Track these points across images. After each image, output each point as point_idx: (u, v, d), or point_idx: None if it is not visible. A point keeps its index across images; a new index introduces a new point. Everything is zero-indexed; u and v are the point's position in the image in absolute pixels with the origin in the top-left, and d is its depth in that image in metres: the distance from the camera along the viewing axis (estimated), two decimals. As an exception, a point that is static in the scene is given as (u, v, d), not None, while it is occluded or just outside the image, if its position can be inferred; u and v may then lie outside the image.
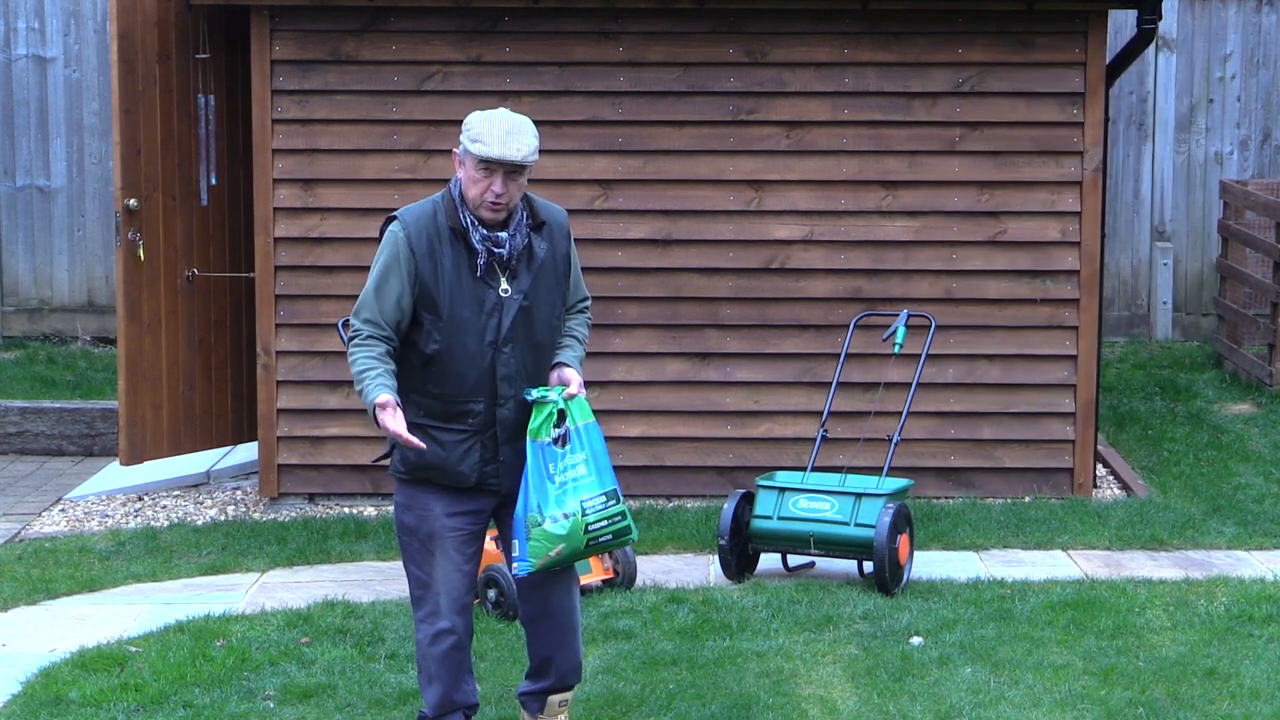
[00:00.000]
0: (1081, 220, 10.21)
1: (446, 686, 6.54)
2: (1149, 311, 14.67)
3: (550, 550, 6.35)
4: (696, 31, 10.16)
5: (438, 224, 6.36)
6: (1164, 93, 14.55)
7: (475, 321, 6.36)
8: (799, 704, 7.21)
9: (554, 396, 6.39)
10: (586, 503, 6.38)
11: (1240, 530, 9.64)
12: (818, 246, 10.27)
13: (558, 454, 6.37)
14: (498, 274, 6.39)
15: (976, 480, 10.38)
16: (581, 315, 6.69)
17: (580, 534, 6.37)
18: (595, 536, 6.41)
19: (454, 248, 6.35)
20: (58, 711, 7.21)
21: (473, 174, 6.32)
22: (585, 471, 6.39)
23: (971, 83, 10.17)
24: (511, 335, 6.39)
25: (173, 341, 10.43)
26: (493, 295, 6.37)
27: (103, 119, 14.08)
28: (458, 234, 6.36)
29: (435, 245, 6.34)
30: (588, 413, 6.45)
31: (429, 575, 6.47)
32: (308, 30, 10.16)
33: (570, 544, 6.37)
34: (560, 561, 6.42)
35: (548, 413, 6.37)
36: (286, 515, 10.25)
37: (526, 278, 6.42)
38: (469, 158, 6.31)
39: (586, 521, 6.37)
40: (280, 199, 10.24)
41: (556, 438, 6.37)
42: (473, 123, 6.33)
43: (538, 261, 6.44)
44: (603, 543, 6.45)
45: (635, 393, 10.31)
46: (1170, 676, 7.44)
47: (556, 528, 6.34)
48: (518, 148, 6.27)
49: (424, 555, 6.48)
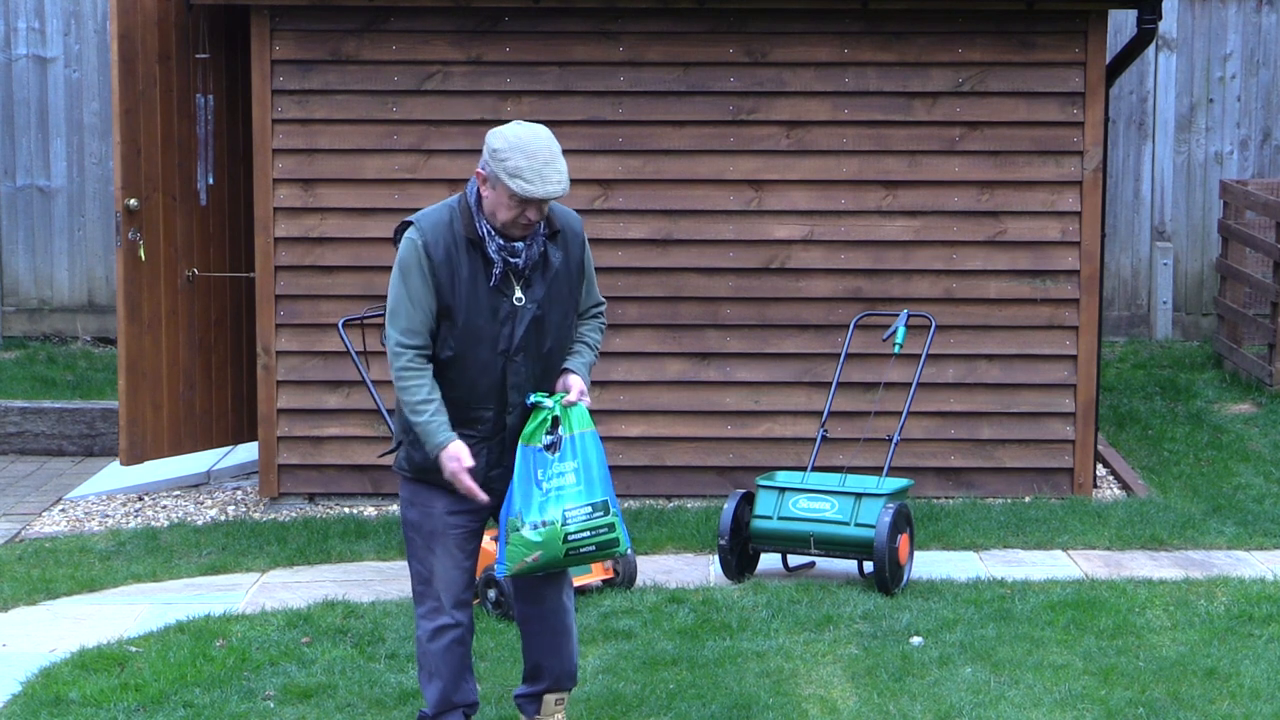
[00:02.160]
0: (1081, 220, 10.21)
1: (447, 683, 6.55)
2: (1149, 311, 14.67)
3: (526, 556, 6.34)
4: (696, 31, 10.16)
5: (454, 232, 6.31)
6: (1164, 93, 14.55)
7: (489, 330, 6.34)
8: (799, 704, 7.22)
9: (550, 403, 6.37)
10: (569, 512, 6.35)
11: (1240, 530, 9.64)
12: (818, 246, 10.27)
13: (548, 460, 6.35)
14: (512, 283, 6.36)
15: (976, 480, 10.38)
16: (594, 320, 6.65)
17: (558, 543, 6.34)
18: (575, 547, 6.38)
19: (470, 256, 6.31)
20: (58, 711, 7.21)
21: (505, 200, 6.23)
22: (574, 481, 6.37)
23: (971, 83, 10.17)
24: (524, 344, 6.37)
25: (173, 341, 10.43)
26: (506, 304, 6.35)
27: (103, 119, 14.09)
28: (474, 243, 6.32)
29: (452, 253, 6.30)
30: (586, 421, 6.42)
31: (430, 571, 6.49)
32: (308, 30, 10.16)
33: (548, 552, 6.35)
34: (539, 568, 6.41)
35: (542, 418, 6.36)
36: (286, 515, 10.25)
37: (540, 287, 6.39)
38: (501, 186, 6.21)
39: (566, 531, 6.34)
40: (280, 199, 10.24)
41: (548, 444, 6.36)
42: (506, 153, 6.20)
43: (553, 270, 6.41)
44: (585, 553, 6.42)
45: (635, 393, 10.31)
46: (1170, 676, 7.44)
47: (533, 535, 6.32)
48: (557, 180, 6.22)
49: (425, 551, 6.49)
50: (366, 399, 9.88)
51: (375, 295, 9.99)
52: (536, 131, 6.26)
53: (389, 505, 10.34)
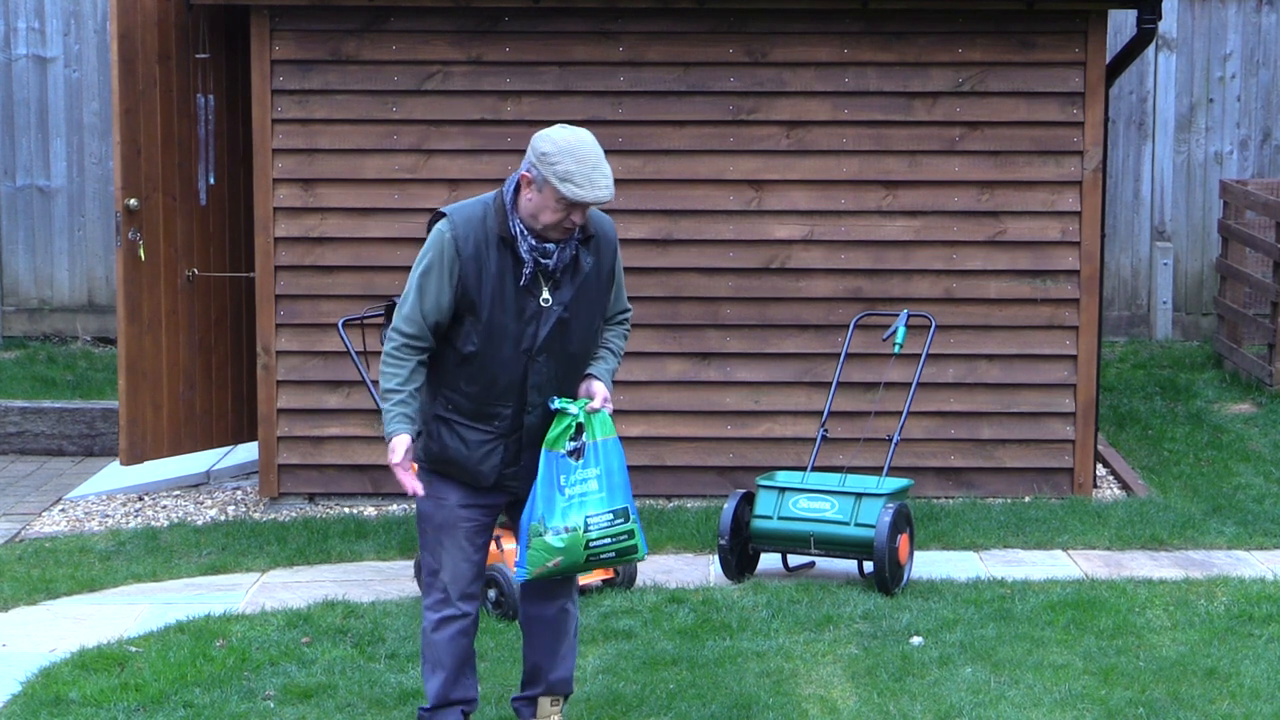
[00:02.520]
0: (1081, 220, 10.21)
1: (449, 674, 6.58)
2: (1149, 311, 14.67)
3: (548, 561, 6.38)
4: (696, 31, 10.16)
5: (486, 228, 6.32)
6: (1164, 93, 14.55)
7: (513, 328, 6.35)
8: (799, 704, 7.22)
9: (574, 409, 6.39)
10: (591, 519, 6.39)
11: (1240, 530, 9.64)
12: (818, 246, 10.27)
13: (571, 466, 6.37)
14: (540, 283, 6.36)
15: (976, 480, 10.38)
16: (620, 327, 6.66)
17: (580, 549, 6.38)
18: (596, 553, 6.42)
19: (500, 254, 6.32)
20: (58, 711, 7.21)
21: (551, 204, 6.23)
22: (596, 487, 6.40)
23: (971, 83, 10.17)
24: (547, 345, 6.38)
25: (173, 341, 10.43)
26: (533, 304, 6.35)
27: (103, 119, 14.08)
28: (505, 241, 6.33)
29: (483, 249, 6.31)
30: (609, 428, 6.44)
31: (439, 562, 6.53)
32: (308, 30, 10.16)
33: (569, 558, 6.39)
34: (559, 572, 6.45)
35: (566, 424, 6.38)
36: (286, 515, 10.25)
37: (569, 289, 6.39)
38: (549, 189, 6.21)
39: (588, 538, 6.38)
40: (280, 199, 10.24)
41: (572, 450, 6.37)
42: (556, 156, 6.20)
43: (582, 274, 6.41)
44: (605, 559, 6.46)
45: (635, 393, 10.31)
46: (1170, 676, 7.44)
47: (555, 540, 6.35)
48: (605, 184, 6.21)
49: (436, 543, 6.53)
50: (366, 399, 9.88)
51: (375, 295, 10.00)
52: (582, 136, 6.26)
53: (389, 505, 10.34)
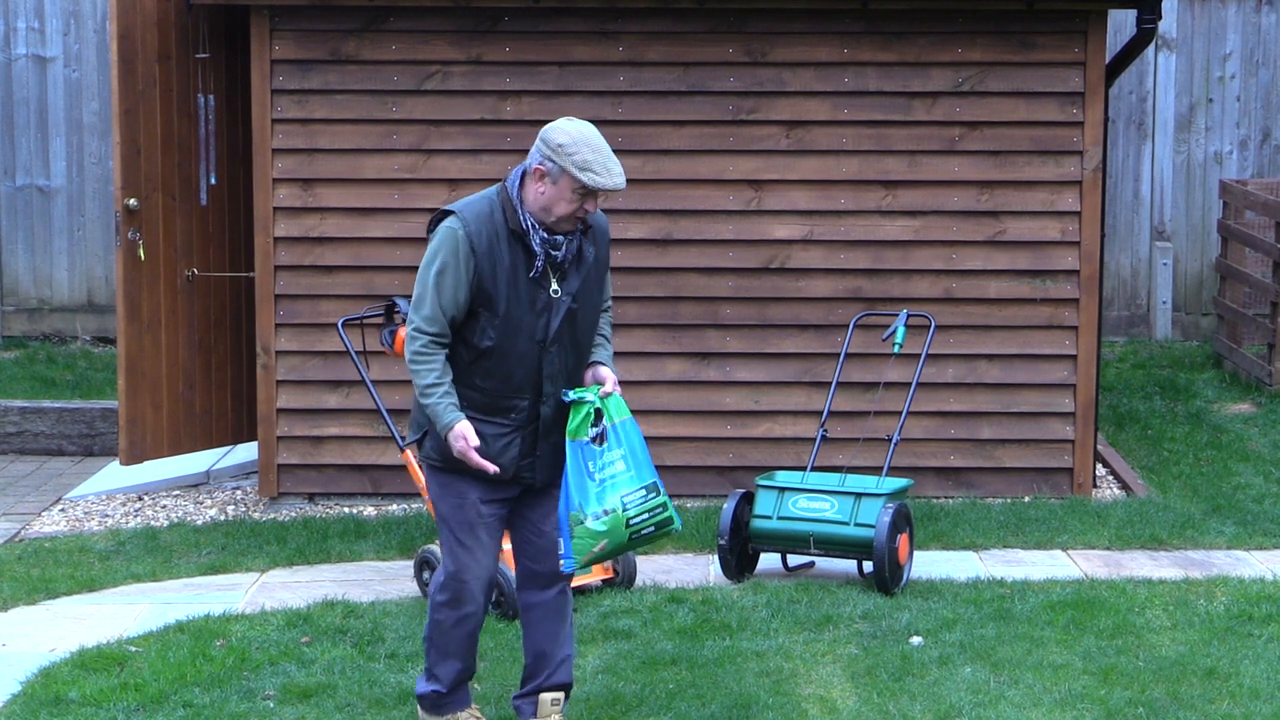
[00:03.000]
0: (1081, 220, 10.21)
1: (465, 663, 6.74)
2: (1149, 311, 14.67)
3: (594, 546, 6.51)
4: (696, 31, 10.16)
5: (495, 223, 6.41)
6: (1164, 92, 14.55)
7: (528, 321, 6.45)
8: (799, 704, 7.22)
9: (590, 396, 6.53)
10: (626, 498, 6.52)
11: (1240, 530, 9.64)
12: (818, 246, 10.27)
13: (596, 452, 6.51)
14: (550, 275, 6.46)
15: (976, 480, 10.38)
16: (605, 315, 6.79)
17: (622, 528, 6.51)
18: (638, 530, 6.55)
19: (512, 248, 6.41)
20: (58, 711, 7.21)
21: (567, 194, 6.34)
22: (624, 467, 6.54)
23: (971, 82, 10.17)
24: (559, 335, 6.49)
25: (173, 341, 10.43)
26: (544, 296, 6.46)
27: (103, 119, 14.08)
28: (516, 235, 6.41)
29: (495, 244, 6.39)
30: (624, 409, 6.59)
31: (464, 560, 6.60)
32: (308, 30, 10.16)
33: (613, 539, 6.52)
34: (605, 556, 6.59)
35: (585, 412, 6.51)
36: (286, 515, 10.25)
37: (575, 280, 6.51)
38: (566, 179, 6.31)
39: (627, 516, 6.51)
40: (280, 199, 10.24)
41: (594, 436, 6.51)
42: (573, 147, 6.31)
43: (586, 264, 6.53)
44: (646, 534, 6.59)
45: (635, 392, 10.28)
46: (1170, 676, 7.44)
47: (598, 524, 6.48)
48: (620, 172, 6.37)
49: (458, 544, 6.60)
50: (366, 399, 9.88)
51: (375, 295, 10.00)
52: (591, 127, 6.41)
53: (389, 505, 10.34)
